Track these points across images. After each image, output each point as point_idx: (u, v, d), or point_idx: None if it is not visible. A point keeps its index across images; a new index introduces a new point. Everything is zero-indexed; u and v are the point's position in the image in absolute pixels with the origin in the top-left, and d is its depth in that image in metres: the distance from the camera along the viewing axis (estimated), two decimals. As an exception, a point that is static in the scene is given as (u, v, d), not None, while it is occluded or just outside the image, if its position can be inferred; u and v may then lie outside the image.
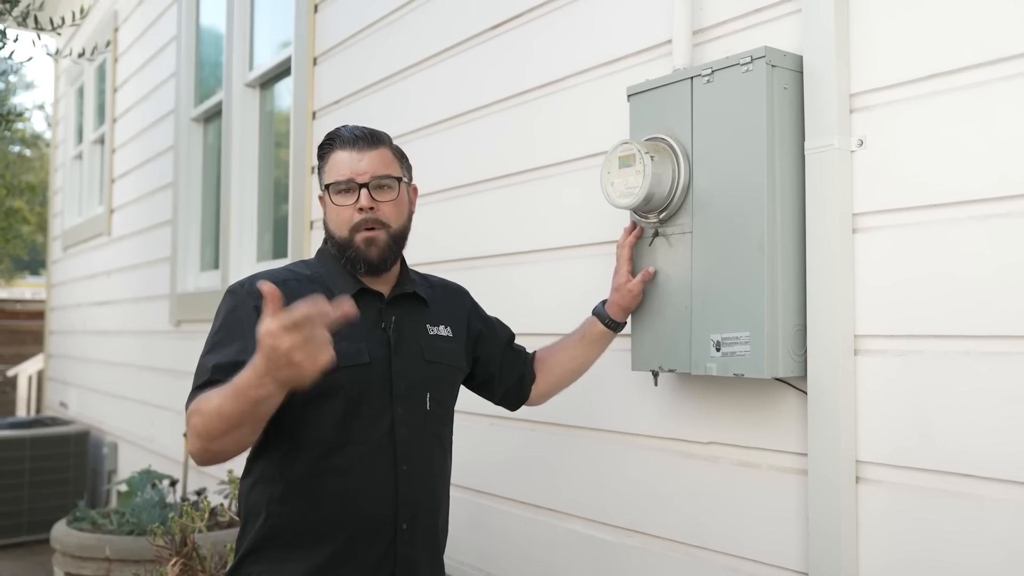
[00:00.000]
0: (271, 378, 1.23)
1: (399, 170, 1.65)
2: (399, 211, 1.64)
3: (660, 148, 1.69)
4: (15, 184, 10.39)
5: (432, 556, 1.66)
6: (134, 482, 3.55)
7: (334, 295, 1.58)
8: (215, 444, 1.38)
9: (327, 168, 1.64)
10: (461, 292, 1.85)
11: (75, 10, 4.58)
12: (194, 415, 1.39)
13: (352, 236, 1.59)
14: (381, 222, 1.60)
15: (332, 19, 3.22)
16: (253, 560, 1.57)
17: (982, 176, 1.40)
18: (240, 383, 1.28)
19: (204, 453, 1.40)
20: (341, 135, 1.63)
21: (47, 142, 14.11)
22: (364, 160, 1.60)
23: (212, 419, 1.34)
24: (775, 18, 1.69)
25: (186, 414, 1.44)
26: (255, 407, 1.30)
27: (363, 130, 1.64)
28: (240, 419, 1.32)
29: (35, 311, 9.95)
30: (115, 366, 5.51)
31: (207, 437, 1.37)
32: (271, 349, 1.20)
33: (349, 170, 1.59)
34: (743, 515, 1.73)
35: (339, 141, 1.63)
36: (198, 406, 1.39)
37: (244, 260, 4.01)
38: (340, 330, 1.56)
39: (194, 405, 1.40)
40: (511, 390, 1.86)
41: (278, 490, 1.55)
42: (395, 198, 1.62)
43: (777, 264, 1.56)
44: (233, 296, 1.57)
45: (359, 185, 1.59)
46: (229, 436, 1.36)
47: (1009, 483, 1.34)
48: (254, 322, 1.50)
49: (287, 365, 1.21)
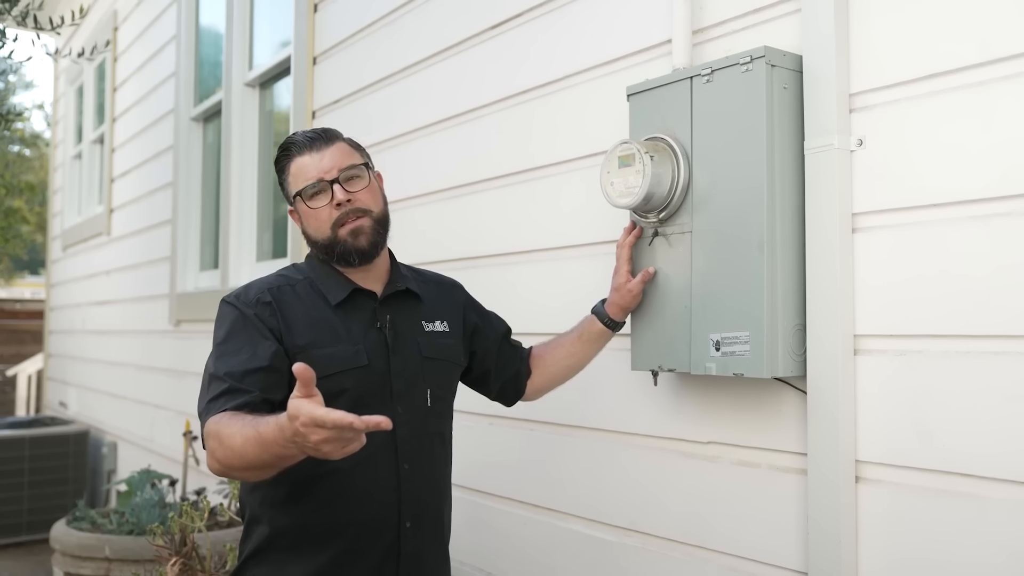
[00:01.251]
0: (297, 448, 1.22)
1: (361, 158, 1.65)
2: (374, 196, 1.63)
3: (660, 148, 1.69)
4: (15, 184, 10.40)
5: (438, 549, 1.67)
6: (133, 482, 3.54)
7: (328, 300, 1.59)
8: (233, 472, 1.41)
9: (291, 178, 1.62)
10: (455, 286, 1.85)
11: (74, 9, 4.58)
12: (212, 439, 1.39)
13: (336, 232, 1.58)
14: (362, 210, 1.59)
15: (332, 19, 3.22)
16: (257, 562, 1.57)
17: (982, 176, 1.39)
18: (266, 436, 1.26)
19: (222, 472, 1.42)
20: (296, 141, 1.62)
21: (46, 141, 14.11)
22: (325, 158, 1.59)
23: (233, 456, 1.35)
24: (775, 18, 1.69)
25: (203, 430, 1.43)
26: (278, 460, 1.31)
27: (315, 131, 1.63)
28: (262, 464, 1.33)
29: (35, 311, 9.95)
30: (114, 366, 5.51)
31: (227, 466, 1.38)
32: (301, 436, 1.17)
33: (315, 171, 1.58)
34: (743, 515, 1.73)
35: (295, 148, 1.62)
36: (219, 433, 1.37)
37: (244, 260, 4.00)
38: (337, 333, 1.57)
39: (214, 427, 1.39)
40: (507, 385, 1.85)
41: (280, 493, 1.55)
42: (367, 185, 1.62)
43: (777, 264, 1.56)
44: (232, 308, 1.57)
45: (329, 182, 1.58)
46: (249, 472, 1.39)
47: (1009, 483, 1.34)
48: (260, 330, 1.51)
49: (313, 450, 1.19)
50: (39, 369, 7.95)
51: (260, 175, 4.06)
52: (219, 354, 1.51)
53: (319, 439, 1.15)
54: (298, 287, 1.61)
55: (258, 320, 1.53)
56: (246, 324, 1.53)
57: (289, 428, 1.18)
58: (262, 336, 1.52)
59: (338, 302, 1.60)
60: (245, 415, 1.38)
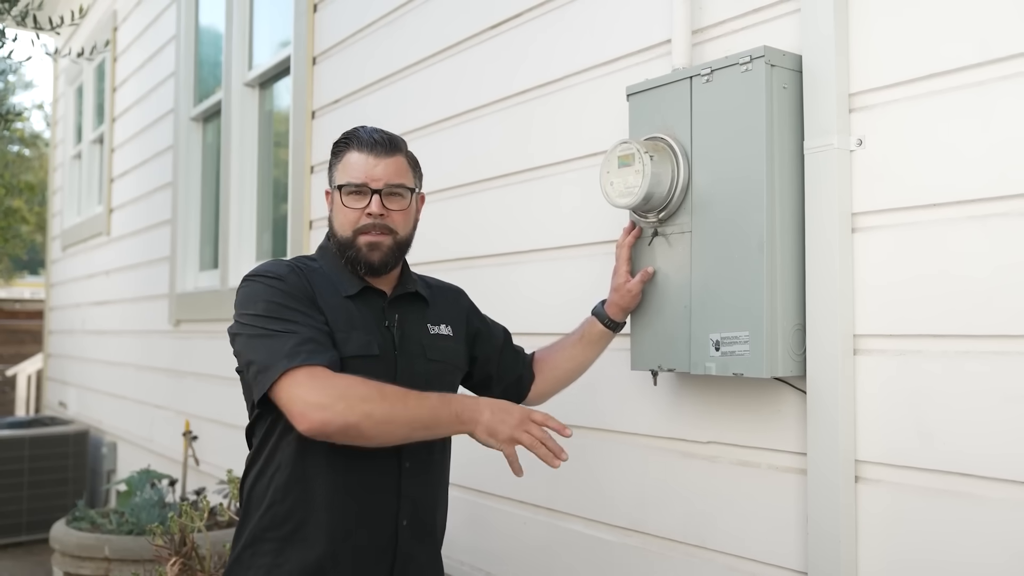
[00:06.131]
0: (484, 426, 1.47)
1: (412, 180, 1.64)
2: (407, 220, 1.63)
3: (659, 148, 1.69)
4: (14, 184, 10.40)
5: (430, 552, 1.67)
6: (133, 482, 3.54)
7: (339, 291, 1.59)
8: (379, 429, 1.44)
9: (340, 167, 1.62)
10: (459, 292, 1.86)
11: (74, 9, 4.58)
12: (362, 387, 1.43)
13: (355, 238, 1.59)
14: (389, 229, 1.59)
15: (331, 19, 3.22)
16: (253, 552, 1.56)
17: (981, 176, 1.40)
18: (441, 408, 1.47)
19: (364, 422, 1.42)
20: (359, 136, 1.61)
21: (46, 141, 14.11)
22: (380, 166, 1.58)
23: (392, 412, 1.43)
24: (774, 18, 1.69)
25: (325, 379, 1.42)
26: (431, 432, 1.50)
27: (382, 135, 1.62)
28: (419, 426, 1.47)
29: (34, 311, 9.95)
30: (114, 366, 5.51)
31: (379, 420, 1.43)
32: (521, 425, 1.49)
33: (364, 174, 1.58)
34: (742, 514, 1.73)
35: (356, 142, 1.61)
36: (381, 390, 1.44)
37: (243, 259, 4.00)
38: (353, 320, 1.57)
39: (357, 380, 1.44)
40: (509, 389, 1.86)
41: (281, 480, 1.55)
42: (405, 207, 1.62)
43: (776, 264, 1.56)
44: (262, 282, 1.55)
45: (372, 191, 1.58)
46: (401, 433, 1.47)
47: (1008, 482, 1.34)
48: (299, 298, 1.53)
49: (508, 438, 1.48)
50: (39, 369, 7.95)
51: (260, 175, 4.06)
52: (269, 327, 1.48)
53: (531, 439, 1.48)
54: (312, 274, 1.61)
55: (294, 288, 1.54)
56: (285, 293, 1.52)
57: (518, 413, 1.49)
58: (305, 302, 1.53)
59: (349, 296, 1.60)
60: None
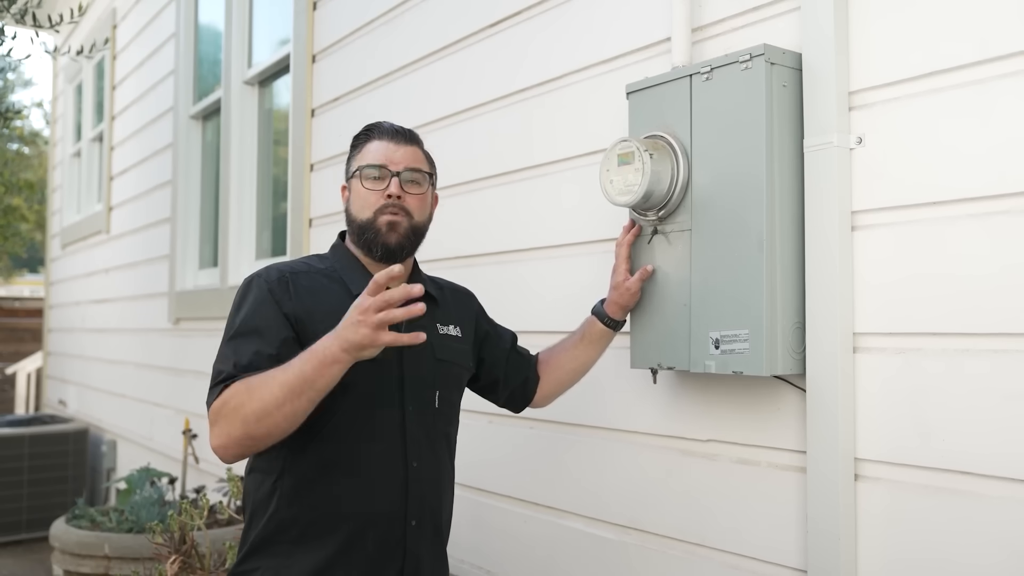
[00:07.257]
0: (338, 342, 1.34)
1: (429, 168, 1.70)
2: (423, 207, 1.66)
3: (659, 146, 1.69)
4: (13, 182, 10.39)
5: (436, 553, 1.67)
6: (133, 480, 3.55)
7: (350, 290, 1.59)
8: (263, 424, 1.39)
9: (360, 154, 1.67)
10: (469, 295, 1.87)
11: (73, 7, 4.58)
12: (235, 396, 1.40)
13: (376, 217, 1.61)
14: (406, 211, 1.62)
15: (331, 16, 3.22)
16: (260, 555, 1.56)
17: (981, 174, 1.39)
18: (299, 365, 1.36)
19: (244, 440, 1.41)
20: (380, 126, 1.68)
21: (45, 140, 14.09)
22: (400, 152, 1.64)
23: (263, 406, 1.37)
24: (774, 16, 1.69)
25: (216, 403, 1.44)
26: (313, 389, 1.36)
27: (402, 128, 1.69)
28: (296, 399, 1.36)
29: (34, 309, 9.96)
30: (114, 364, 5.50)
31: (256, 417, 1.38)
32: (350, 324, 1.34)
33: (384, 158, 1.63)
34: (742, 513, 1.73)
35: (377, 132, 1.67)
36: (248, 385, 1.40)
37: (243, 258, 4.00)
38: None
39: (236, 388, 1.41)
40: (516, 392, 1.86)
41: (287, 484, 1.55)
42: (423, 192, 1.66)
43: (776, 262, 1.56)
44: (251, 284, 1.59)
45: (392, 173, 1.62)
46: (278, 423, 1.39)
47: (1008, 481, 1.35)
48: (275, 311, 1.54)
49: (353, 334, 1.33)
50: (38, 367, 7.95)
51: (259, 173, 4.06)
52: (231, 335, 1.53)
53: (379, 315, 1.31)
54: (320, 275, 1.63)
55: (273, 298, 1.55)
56: (262, 303, 1.54)
57: (352, 314, 1.34)
58: (276, 318, 1.53)
59: (359, 293, 1.60)
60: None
